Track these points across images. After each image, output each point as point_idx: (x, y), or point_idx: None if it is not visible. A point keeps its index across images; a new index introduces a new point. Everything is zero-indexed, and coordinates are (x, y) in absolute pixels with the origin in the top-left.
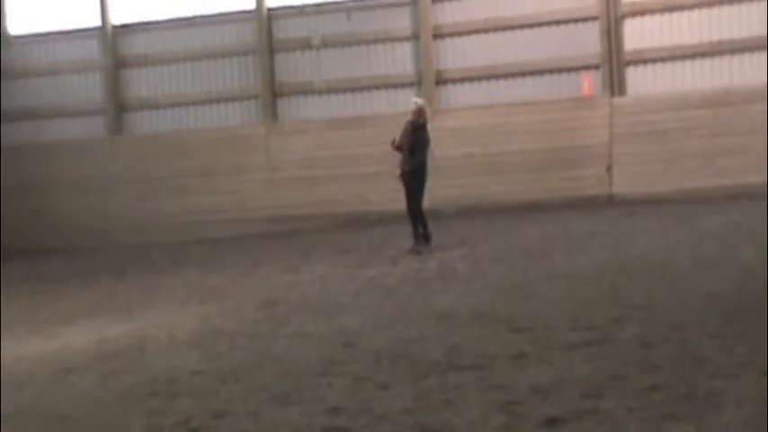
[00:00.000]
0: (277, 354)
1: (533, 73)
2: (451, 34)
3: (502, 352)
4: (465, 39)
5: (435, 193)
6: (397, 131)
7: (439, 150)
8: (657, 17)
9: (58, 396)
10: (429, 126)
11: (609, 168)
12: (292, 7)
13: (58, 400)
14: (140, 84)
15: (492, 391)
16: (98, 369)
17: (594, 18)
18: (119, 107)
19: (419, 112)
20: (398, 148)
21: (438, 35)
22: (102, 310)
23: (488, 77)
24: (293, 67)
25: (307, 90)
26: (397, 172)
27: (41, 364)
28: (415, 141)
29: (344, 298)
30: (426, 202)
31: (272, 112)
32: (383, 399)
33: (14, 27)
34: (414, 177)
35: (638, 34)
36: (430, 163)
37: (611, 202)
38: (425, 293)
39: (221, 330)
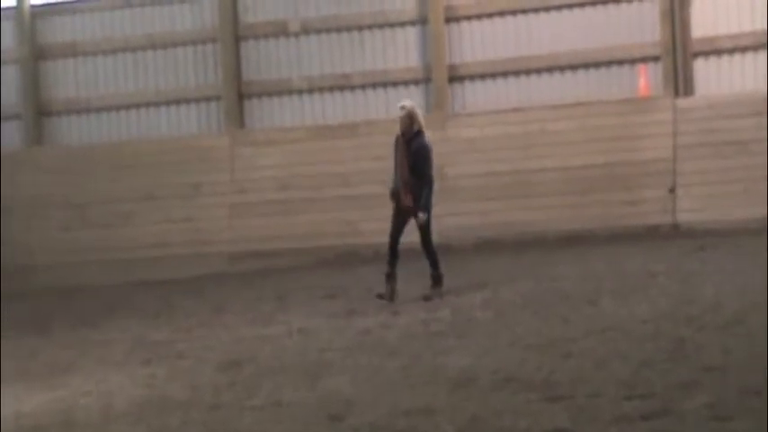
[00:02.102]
0: (244, 430)
1: (575, 67)
2: (469, 17)
3: (534, 427)
4: (486, 23)
5: (445, 221)
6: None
7: (451, 167)
8: None
9: None
10: (428, 133)
11: (672, 190)
12: None
13: None
14: (66, 80)
15: None
16: None
17: None
18: (38, 110)
19: (410, 118)
20: (395, 172)
21: (452, 18)
22: (17, 373)
23: (516, 73)
24: (265, 60)
25: (283, 89)
26: (394, 203)
27: None
28: (414, 157)
29: (330, 356)
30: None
31: (237, 118)
32: None
33: None
34: (422, 205)
35: (709, 18)
36: (437, 185)
37: (674, 232)
38: (436, 352)
39: (171, 399)
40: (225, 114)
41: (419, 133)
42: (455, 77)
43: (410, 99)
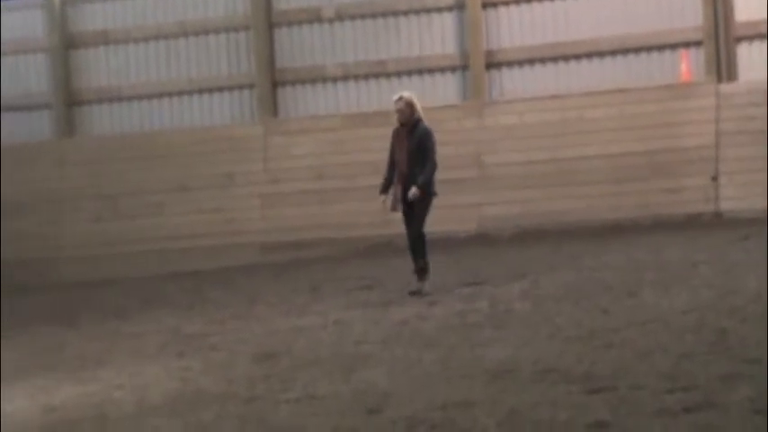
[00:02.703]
0: (279, 423)
1: (615, 53)
2: (507, 3)
3: (574, 419)
4: (524, 9)
5: (484, 211)
6: (433, 128)
7: (489, 155)
8: None
9: None
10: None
11: (715, 178)
12: None
13: None
14: (97, 69)
15: None
16: None
17: None
18: (69, 100)
19: (410, 107)
20: (391, 165)
21: (489, 4)
22: (47, 366)
23: (555, 59)
24: (299, 48)
25: (317, 77)
26: (391, 203)
27: None
28: (420, 143)
29: (367, 349)
30: (466, 223)
31: (271, 107)
32: None
33: None
34: (423, 198)
35: (753, 1)
36: (475, 173)
37: (717, 221)
38: (474, 343)
39: (206, 392)
40: (258, 103)
41: (419, 121)
42: (492, 64)
43: (408, 91)
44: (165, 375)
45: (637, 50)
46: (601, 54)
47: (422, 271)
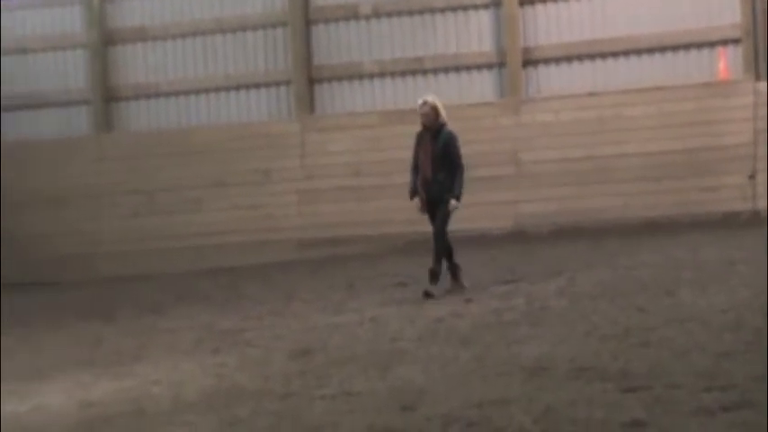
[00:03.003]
0: (314, 420)
1: (652, 50)
2: (544, 0)
3: (610, 418)
4: (562, 6)
5: (521, 208)
6: (470, 125)
7: (525, 153)
8: None
9: None
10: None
11: (753, 176)
12: None
13: None
14: (135, 65)
15: None
16: None
17: None
18: (107, 96)
19: (435, 111)
20: (415, 169)
21: (526, 1)
22: (84, 362)
23: (592, 56)
24: (336, 44)
25: (353, 74)
26: (419, 204)
27: None
28: (445, 148)
29: (402, 346)
30: (502, 220)
31: (307, 103)
32: None
33: None
34: (447, 201)
35: None
36: (512, 170)
37: (755, 219)
38: (510, 341)
39: (241, 389)
40: (295, 99)
41: (443, 126)
42: (529, 61)
43: (431, 93)
44: (201, 371)
45: (674, 48)
46: (638, 51)
47: (432, 273)
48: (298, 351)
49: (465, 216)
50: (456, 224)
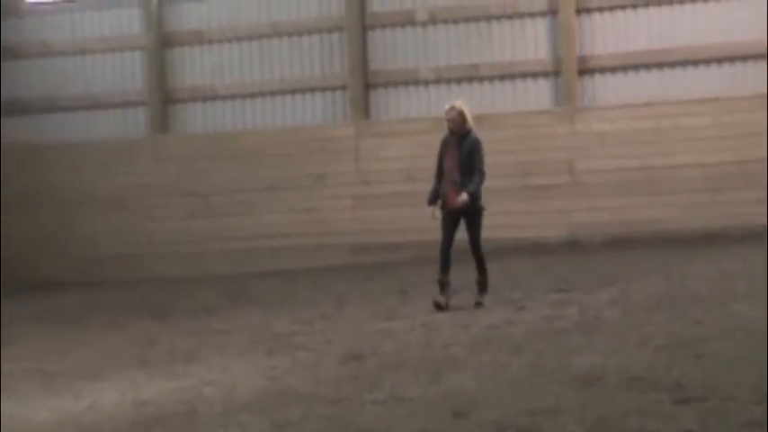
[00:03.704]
0: (365, 424)
1: (708, 61)
2: (601, 9)
3: (663, 429)
4: (618, 15)
5: (574, 217)
6: (525, 133)
7: (580, 162)
8: None
9: None
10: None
11: None
12: None
13: None
14: (192, 68)
15: None
16: None
17: None
18: (164, 98)
19: (462, 118)
20: (439, 174)
21: (583, 9)
22: (137, 361)
23: (649, 66)
24: (391, 50)
25: (409, 80)
26: (439, 211)
27: (62, 431)
28: (470, 153)
29: (455, 352)
30: (556, 229)
31: (362, 108)
32: None
33: None
34: (477, 208)
35: None
36: (567, 179)
37: None
38: (562, 349)
39: (293, 392)
40: (350, 104)
41: (469, 131)
42: (585, 70)
43: (460, 99)
44: (254, 373)
45: (731, 59)
46: (695, 62)
47: (482, 286)
48: (349, 355)
49: (519, 224)
50: (510, 232)
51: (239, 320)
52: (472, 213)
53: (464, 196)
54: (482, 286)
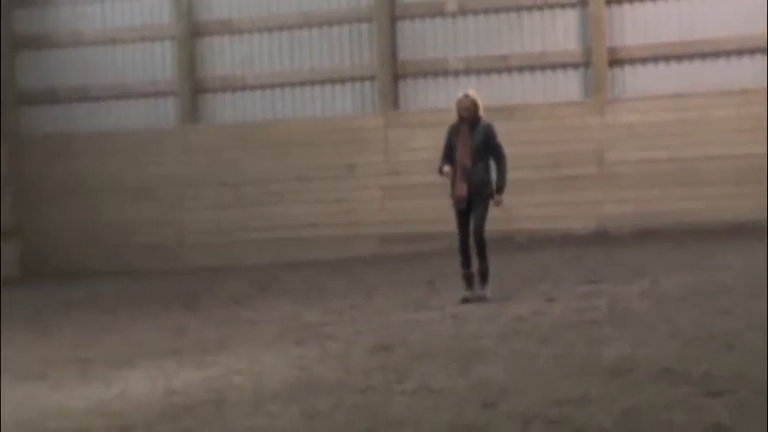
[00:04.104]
0: (394, 414)
1: (740, 53)
2: (631, 0)
3: (692, 421)
4: (648, 6)
5: (603, 209)
6: (555, 124)
7: (609, 153)
8: None
9: None
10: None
11: None
12: None
13: None
14: (222, 59)
15: None
16: (164, 428)
17: None
18: (194, 88)
19: (475, 107)
20: (449, 161)
21: (613, 1)
22: (168, 350)
23: (680, 57)
24: (421, 40)
25: (438, 70)
26: (452, 197)
27: (92, 419)
28: (486, 136)
29: (484, 343)
30: (586, 220)
31: (392, 99)
32: None
33: None
34: (485, 195)
35: None
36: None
37: None
38: (592, 341)
39: (322, 381)
40: (379, 95)
41: (480, 119)
42: (615, 61)
43: (471, 88)
44: (283, 362)
45: (761, 51)
46: (726, 54)
47: (484, 274)
48: (378, 346)
49: (549, 215)
50: (540, 223)
51: (269, 310)
52: (478, 198)
53: (498, 199)
54: (483, 276)
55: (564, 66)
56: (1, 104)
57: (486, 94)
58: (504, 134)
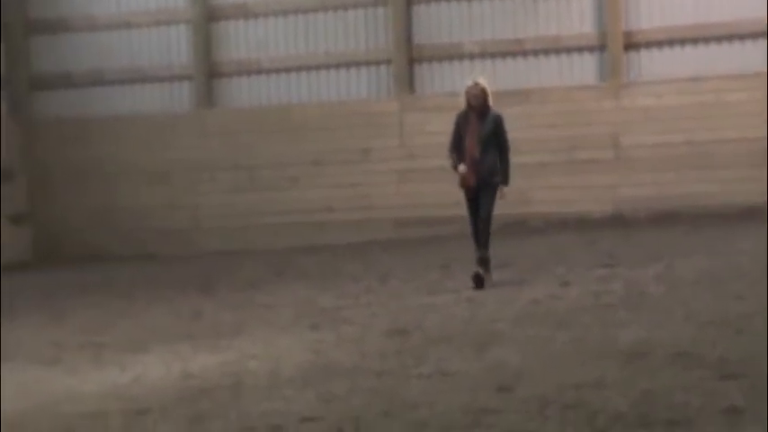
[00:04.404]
0: (410, 398)
1: (756, 35)
2: None
3: (707, 404)
4: None
5: (619, 193)
6: (571, 108)
7: (625, 137)
8: None
9: None
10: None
11: None
12: None
13: None
14: (238, 42)
15: None
16: (180, 412)
17: None
18: (210, 72)
19: (484, 95)
20: (457, 149)
21: None
22: (183, 334)
23: (696, 40)
24: (436, 24)
25: (454, 54)
26: (461, 186)
27: (108, 403)
28: (496, 127)
29: (499, 327)
30: (601, 204)
31: (407, 83)
32: None
33: None
34: (493, 185)
35: None
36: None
37: None
38: (607, 324)
39: (338, 365)
40: (395, 79)
41: (489, 108)
42: (631, 45)
43: (481, 76)
44: (299, 347)
45: None
46: (741, 37)
47: (484, 262)
48: (394, 330)
49: (564, 199)
50: (555, 207)
51: (284, 294)
52: (485, 188)
53: (504, 190)
54: (485, 263)
55: (579, 49)
56: (15, 89)
57: (501, 77)
58: (520, 118)
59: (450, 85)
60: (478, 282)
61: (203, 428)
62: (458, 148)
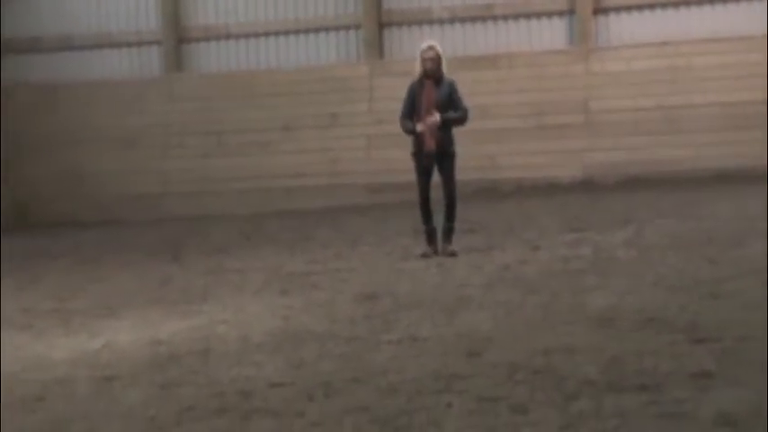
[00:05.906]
0: (380, 364)
1: (725, 0)
2: None
3: (677, 369)
4: None
5: (589, 157)
6: (540, 72)
7: (595, 101)
8: None
9: (98, 412)
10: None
11: None
12: None
13: (98, 417)
14: (206, 8)
15: (664, 421)
16: (150, 378)
17: None
18: (179, 38)
19: (439, 59)
20: (409, 118)
21: None
22: (152, 300)
23: (665, 5)
24: None
25: (423, 19)
26: (414, 154)
27: (77, 370)
28: (452, 93)
29: (469, 292)
30: (571, 169)
31: (377, 48)
32: (518, 427)
33: None
34: (451, 153)
35: None
36: (582, 118)
37: None
38: (577, 289)
39: (308, 331)
40: (364, 44)
41: (442, 74)
42: (600, 9)
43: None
44: (268, 312)
45: None
46: (711, 1)
47: (450, 232)
48: (364, 295)
49: (534, 164)
50: (525, 172)
51: (254, 260)
52: (445, 157)
53: (436, 117)
54: (450, 233)
55: (549, 14)
56: None
57: (471, 42)
58: (489, 83)
59: (419, 49)
60: (428, 255)
61: (173, 394)
62: (410, 117)
